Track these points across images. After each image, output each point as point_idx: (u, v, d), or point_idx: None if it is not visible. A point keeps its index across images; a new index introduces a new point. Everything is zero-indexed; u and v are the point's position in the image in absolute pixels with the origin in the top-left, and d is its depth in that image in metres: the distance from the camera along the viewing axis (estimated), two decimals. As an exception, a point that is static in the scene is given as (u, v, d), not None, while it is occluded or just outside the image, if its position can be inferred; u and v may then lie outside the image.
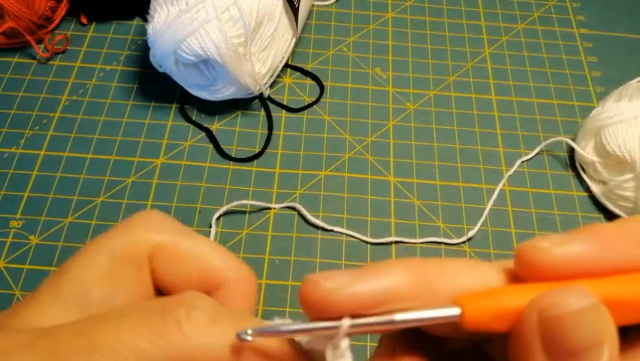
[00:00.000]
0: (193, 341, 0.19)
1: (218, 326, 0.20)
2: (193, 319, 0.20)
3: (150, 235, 0.24)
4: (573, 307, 0.17)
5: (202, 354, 0.19)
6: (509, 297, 0.19)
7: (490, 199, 0.55)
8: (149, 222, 0.24)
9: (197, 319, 0.20)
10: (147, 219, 0.24)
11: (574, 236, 0.19)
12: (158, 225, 0.24)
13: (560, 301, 0.17)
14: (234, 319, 0.21)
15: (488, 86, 0.63)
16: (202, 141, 0.57)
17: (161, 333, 0.19)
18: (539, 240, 0.19)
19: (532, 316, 0.18)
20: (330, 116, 0.59)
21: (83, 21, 0.64)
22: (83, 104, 0.58)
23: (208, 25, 0.50)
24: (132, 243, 0.23)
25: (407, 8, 0.70)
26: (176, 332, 0.19)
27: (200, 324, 0.20)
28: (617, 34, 0.69)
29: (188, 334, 0.19)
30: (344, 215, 0.53)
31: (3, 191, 0.52)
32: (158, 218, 0.24)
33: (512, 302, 0.18)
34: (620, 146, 0.52)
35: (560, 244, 0.19)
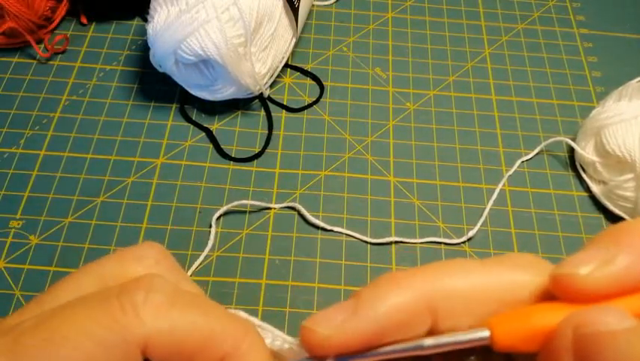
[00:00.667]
0: (149, 326, 0.19)
1: (177, 311, 0.20)
2: (150, 302, 0.19)
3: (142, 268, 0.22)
4: (612, 327, 0.16)
5: (158, 339, 0.19)
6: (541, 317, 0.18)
7: (490, 199, 0.55)
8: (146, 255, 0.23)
9: (154, 302, 0.19)
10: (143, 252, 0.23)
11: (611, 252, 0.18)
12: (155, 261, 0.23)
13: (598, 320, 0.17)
14: (193, 304, 0.20)
15: (488, 86, 0.63)
16: (202, 141, 0.57)
17: (117, 318, 0.19)
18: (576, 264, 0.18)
19: (567, 332, 0.17)
20: (330, 116, 0.59)
21: (83, 21, 0.64)
22: (82, 104, 0.58)
23: (208, 26, 0.50)
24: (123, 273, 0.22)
25: (407, 8, 0.70)
26: (132, 317, 0.19)
27: (158, 308, 0.19)
28: (617, 34, 0.69)
29: (145, 318, 0.19)
30: (344, 215, 0.53)
31: (3, 191, 0.52)
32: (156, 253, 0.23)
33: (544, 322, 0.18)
34: (620, 146, 0.52)
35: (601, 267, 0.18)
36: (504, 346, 0.19)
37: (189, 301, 0.20)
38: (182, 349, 0.20)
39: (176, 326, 0.19)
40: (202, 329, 0.20)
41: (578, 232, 0.54)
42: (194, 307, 0.20)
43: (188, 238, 0.50)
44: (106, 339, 0.18)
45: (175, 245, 0.50)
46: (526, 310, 0.19)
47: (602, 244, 0.18)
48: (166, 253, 0.23)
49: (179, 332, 0.19)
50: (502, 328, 0.18)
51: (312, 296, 0.48)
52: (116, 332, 0.19)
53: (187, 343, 0.20)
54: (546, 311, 0.18)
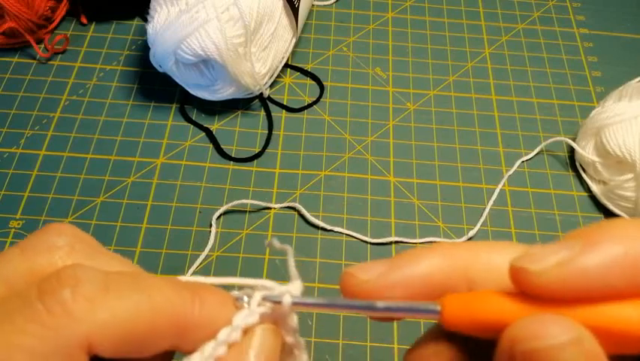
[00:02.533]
0: (87, 321, 0.17)
1: (113, 297, 0.18)
2: (80, 295, 0.17)
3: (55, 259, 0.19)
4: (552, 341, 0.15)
5: (102, 333, 0.17)
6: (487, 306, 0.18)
7: (490, 199, 0.55)
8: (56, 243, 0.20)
9: (85, 294, 0.17)
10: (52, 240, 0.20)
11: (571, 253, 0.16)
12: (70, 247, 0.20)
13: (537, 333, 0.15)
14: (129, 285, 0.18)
15: (488, 86, 0.63)
16: (202, 141, 0.57)
17: (46, 323, 0.17)
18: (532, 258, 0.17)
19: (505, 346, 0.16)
20: (330, 116, 0.59)
21: (83, 21, 0.64)
22: (83, 104, 0.58)
23: (208, 25, 0.50)
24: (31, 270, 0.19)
25: (407, 8, 0.70)
26: (63, 319, 0.17)
27: (91, 299, 0.17)
28: (617, 34, 0.69)
29: (79, 315, 0.17)
30: (344, 215, 0.53)
31: (3, 191, 0.52)
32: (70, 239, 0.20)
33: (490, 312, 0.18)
34: (620, 146, 0.52)
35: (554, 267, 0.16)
36: (451, 325, 0.18)
37: (124, 284, 0.18)
38: (132, 335, 0.18)
39: (117, 314, 0.17)
40: (146, 308, 0.18)
41: (578, 232, 0.53)
42: (132, 288, 0.18)
43: (188, 238, 0.50)
44: (38, 349, 0.16)
45: (175, 245, 0.50)
46: (479, 295, 0.18)
47: (570, 241, 0.17)
48: (80, 235, 0.21)
49: (122, 319, 0.17)
50: (451, 307, 0.18)
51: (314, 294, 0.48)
52: (48, 339, 0.17)
53: (135, 327, 0.18)
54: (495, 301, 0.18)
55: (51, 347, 0.17)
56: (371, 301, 0.19)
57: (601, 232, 0.16)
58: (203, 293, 0.20)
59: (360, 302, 0.20)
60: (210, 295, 0.20)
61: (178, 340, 0.19)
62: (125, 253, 0.49)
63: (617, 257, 0.16)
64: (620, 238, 0.16)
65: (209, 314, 0.19)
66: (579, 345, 0.15)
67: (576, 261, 0.16)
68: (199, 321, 0.19)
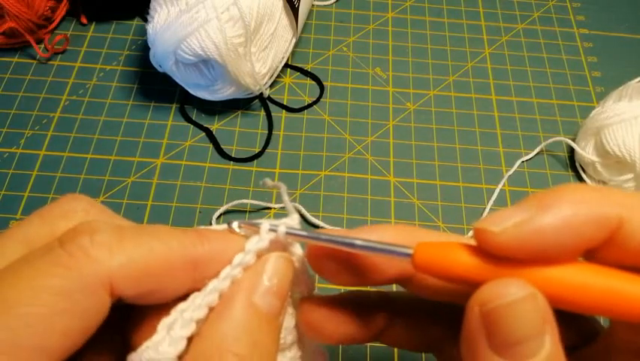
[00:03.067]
0: (106, 263, 0.19)
1: (128, 242, 0.20)
2: (98, 241, 0.19)
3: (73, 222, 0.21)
4: (511, 297, 0.18)
5: (122, 273, 0.19)
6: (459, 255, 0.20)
7: (490, 199, 0.55)
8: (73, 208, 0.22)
9: (102, 241, 0.19)
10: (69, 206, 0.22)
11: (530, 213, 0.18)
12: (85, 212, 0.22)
13: (498, 293, 0.18)
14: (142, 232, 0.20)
15: (488, 86, 0.63)
16: (202, 141, 0.57)
17: (69, 265, 0.18)
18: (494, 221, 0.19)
19: (474, 310, 0.18)
20: (330, 116, 0.59)
21: (83, 21, 0.64)
22: (83, 104, 0.58)
23: (208, 25, 0.50)
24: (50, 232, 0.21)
25: (407, 8, 0.70)
26: (84, 260, 0.18)
27: (108, 244, 0.19)
28: (617, 34, 0.69)
29: (98, 256, 0.19)
30: (344, 215, 0.53)
31: (3, 191, 0.52)
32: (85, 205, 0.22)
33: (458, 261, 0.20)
34: (620, 146, 0.52)
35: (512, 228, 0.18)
36: (421, 268, 0.20)
37: (137, 231, 0.20)
38: (149, 274, 0.20)
39: (133, 256, 0.19)
40: (159, 249, 0.20)
41: (578, 232, 0.53)
42: (144, 234, 0.20)
43: (188, 238, 0.50)
44: (63, 287, 0.18)
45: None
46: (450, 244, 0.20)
47: (527, 204, 0.19)
48: (93, 202, 0.23)
49: (138, 259, 0.19)
50: (423, 253, 0.20)
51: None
52: (71, 278, 0.18)
53: (151, 266, 0.20)
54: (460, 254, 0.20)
55: (74, 285, 0.18)
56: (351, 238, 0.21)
57: (554, 196, 0.19)
58: (208, 232, 0.22)
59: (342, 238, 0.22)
60: (214, 234, 0.22)
61: (192, 277, 0.21)
62: (125, 253, 0.49)
63: (567, 218, 0.18)
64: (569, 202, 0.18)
65: (217, 248, 0.21)
66: (532, 301, 0.18)
67: (531, 222, 0.18)
68: (208, 255, 0.21)
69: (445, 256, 0.20)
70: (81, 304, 0.18)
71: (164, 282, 0.20)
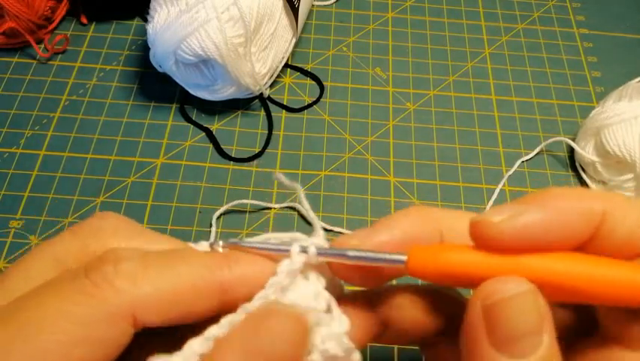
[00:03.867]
0: (129, 293, 0.19)
1: (153, 271, 0.19)
2: (123, 271, 0.19)
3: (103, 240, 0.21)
4: (511, 292, 0.19)
5: (147, 303, 0.19)
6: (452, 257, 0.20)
7: (490, 199, 0.55)
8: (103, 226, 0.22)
9: (127, 270, 0.19)
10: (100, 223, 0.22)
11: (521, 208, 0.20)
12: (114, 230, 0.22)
13: (498, 289, 0.19)
14: (168, 258, 0.20)
15: (488, 86, 0.63)
16: (202, 141, 0.57)
17: (92, 293, 0.18)
18: (491, 213, 0.20)
19: (476, 305, 0.19)
20: (330, 116, 0.59)
21: (83, 21, 0.64)
22: (83, 104, 0.58)
23: (208, 25, 0.50)
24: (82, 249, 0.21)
25: (407, 8, 0.70)
26: (108, 289, 0.18)
27: (132, 274, 0.19)
28: (617, 34, 0.69)
29: (122, 287, 0.19)
30: (344, 215, 0.53)
31: (3, 191, 0.52)
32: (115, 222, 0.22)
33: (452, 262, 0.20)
34: (620, 146, 0.52)
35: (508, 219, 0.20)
36: (416, 273, 0.21)
37: (163, 258, 0.20)
38: (176, 302, 0.19)
39: (158, 285, 0.19)
40: (185, 275, 0.20)
41: (578, 232, 0.53)
42: (170, 261, 0.20)
43: (188, 238, 0.50)
44: (84, 316, 0.18)
45: (175, 245, 0.50)
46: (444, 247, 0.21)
47: (523, 200, 0.21)
48: (123, 218, 0.23)
49: (164, 289, 0.19)
50: (416, 257, 0.21)
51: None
52: (93, 307, 0.18)
53: (177, 295, 0.19)
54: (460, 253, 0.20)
55: (96, 314, 0.18)
56: (343, 249, 0.22)
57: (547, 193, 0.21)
58: (235, 255, 0.22)
59: (333, 250, 0.22)
60: (243, 257, 0.22)
61: (220, 300, 0.21)
62: (125, 253, 0.49)
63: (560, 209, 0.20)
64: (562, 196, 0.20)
65: (244, 272, 0.21)
66: (530, 296, 0.19)
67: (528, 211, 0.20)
68: (237, 279, 0.21)
69: (438, 260, 0.20)
70: (102, 334, 0.18)
71: (190, 308, 0.20)
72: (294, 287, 0.22)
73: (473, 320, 0.19)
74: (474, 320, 0.19)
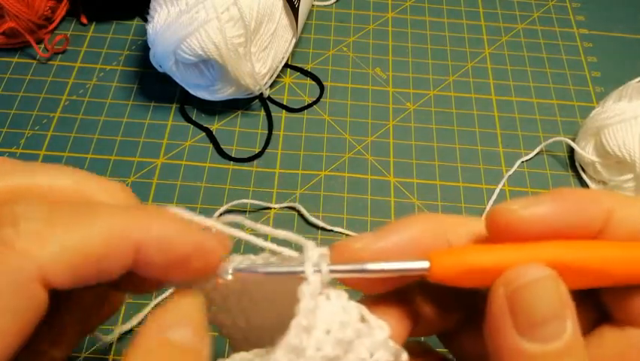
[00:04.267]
0: (36, 256, 0.17)
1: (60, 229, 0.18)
2: (24, 232, 0.17)
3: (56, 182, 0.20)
4: (532, 277, 0.19)
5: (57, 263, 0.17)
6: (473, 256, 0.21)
7: (490, 199, 0.55)
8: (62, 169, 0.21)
9: (29, 230, 0.17)
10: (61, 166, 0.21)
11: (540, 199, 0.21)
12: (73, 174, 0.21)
13: (521, 274, 0.20)
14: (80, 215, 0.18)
15: (488, 86, 0.63)
16: (202, 141, 0.57)
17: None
18: (509, 203, 0.21)
19: (499, 290, 0.20)
20: (330, 116, 0.59)
21: (83, 21, 0.64)
22: (83, 104, 0.58)
23: (208, 26, 0.50)
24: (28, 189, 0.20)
25: (407, 8, 0.70)
26: (9, 254, 0.17)
27: (37, 234, 0.17)
28: (617, 34, 0.69)
29: (27, 250, 0.17)
30: (344, 215, 0.53)
31: (3, 191, 0.52)
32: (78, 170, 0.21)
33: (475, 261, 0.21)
34: (620, 146, 0.52)
35: (527, 207, 0.21)
36: (439, 278, 0.21)
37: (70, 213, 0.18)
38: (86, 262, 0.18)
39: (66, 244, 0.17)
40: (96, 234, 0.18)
41: (577, 232, 0.53)
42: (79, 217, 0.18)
43: (188, 238, 0.50)
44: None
45: (175, 245, 0.50)
46: (463, 248, 0.21)
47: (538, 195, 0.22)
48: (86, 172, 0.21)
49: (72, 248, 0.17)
50: (439, 262, 0.21)
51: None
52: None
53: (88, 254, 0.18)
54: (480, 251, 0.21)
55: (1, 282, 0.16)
56: (363, 263, 0.21)
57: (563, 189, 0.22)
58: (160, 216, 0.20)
59: (353, 266, 0.21)
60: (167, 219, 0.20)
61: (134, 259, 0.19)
62: (125, 253, 0.49)
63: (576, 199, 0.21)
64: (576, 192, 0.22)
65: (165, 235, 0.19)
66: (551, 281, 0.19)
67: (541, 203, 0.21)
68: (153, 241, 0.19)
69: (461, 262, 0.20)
70: (12, 304, 0.16)
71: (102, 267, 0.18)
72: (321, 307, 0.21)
73: (497, 307, 0.20)
74: (498, 306, 0.20)
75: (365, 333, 0.21)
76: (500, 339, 0.19)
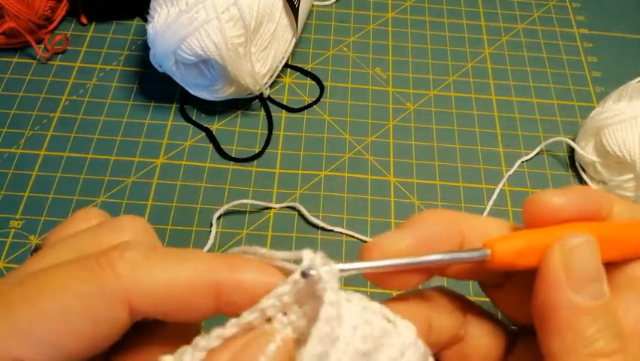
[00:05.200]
0: (127, 278, 0.20)
1: (155, 262, 0.21)
2: (126, 258, 0.20)
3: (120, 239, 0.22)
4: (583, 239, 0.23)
5: (141, 290, 0.20)
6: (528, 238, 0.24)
7: (490, 199, 0.55)
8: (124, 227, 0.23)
9: (130, 258, 0.20)
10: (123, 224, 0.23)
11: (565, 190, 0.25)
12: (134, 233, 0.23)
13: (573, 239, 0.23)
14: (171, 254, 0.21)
15: (488, 86, 0.63)
16: (202, 141, 0.57)
17: (96, 273, 0.20)
18: (541, 193, 0.25)
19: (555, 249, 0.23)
20: (330, 116, 0.59)
21: (83, 21, 0.64)
22: (83, 104, 0.58)
23: (208, 26, 0.50)
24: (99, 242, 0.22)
25: (407, 8, 0.70)
26: (109, 272, 0.20)
27: (134, 263, 0.20)
28: (617, 34, 0.69)
29: (122, 272, 0.20)
30: (344, 215, 0.53)
31: (3, 191, 0.52)
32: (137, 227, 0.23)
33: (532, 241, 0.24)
34: (620, 146, 0.52)
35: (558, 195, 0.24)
36: (502, 261, 0.23)
37: (167, 252, 0.21)
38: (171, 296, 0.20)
39: (156, 276, 0.20)
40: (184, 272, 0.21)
41: (578, 232, 0.53)
42: (173, 256, 0.21)
43: (188, 238, 0.50)
44: (82, 291, 0.19)
45: (175, 245, 0.50)
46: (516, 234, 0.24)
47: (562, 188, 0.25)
48: (147, 227, 0.24)
49: (161, 280, 0.20)
50: (500, 246, 0.23)
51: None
52: (92, 284, 0.20)
53: (174, 288, 0.20)
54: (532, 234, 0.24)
55: (93, 291, 0.20)
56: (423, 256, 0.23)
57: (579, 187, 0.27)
58: (239, 261, 0.22)
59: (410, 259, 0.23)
60: (248, 264, 0.22)
61: (217, 302, 0.21)
62: (125, 253, 0.49)
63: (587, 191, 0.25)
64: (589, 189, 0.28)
65: (244, 278, 0.22)
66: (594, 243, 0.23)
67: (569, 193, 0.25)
68: (234, 284, 0.21)
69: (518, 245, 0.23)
70: (98, 313, 0.20)
71: (185, 304, 0.21)
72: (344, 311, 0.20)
73: (553, 265, 0.23)
74: (554, 264, 0.23)
75: (392, 333, 0.21)
76: (556, 293, 0.22)
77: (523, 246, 0.23)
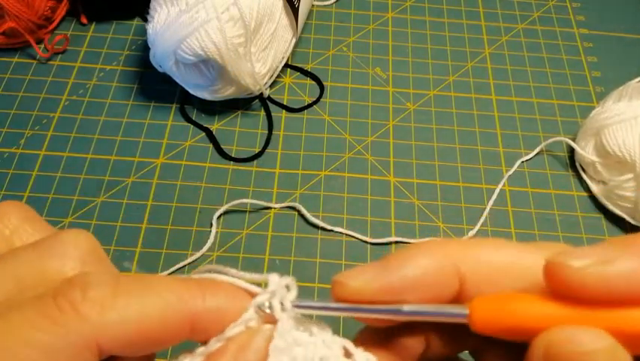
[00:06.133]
0: (95, 322, 0.18)
1: (122, 299, 0.18)
2: (90, 298, 0.18)
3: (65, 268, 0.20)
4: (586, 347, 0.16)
5: (112, 333, 0.18)
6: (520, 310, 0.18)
7: (490, 199, 0.55)
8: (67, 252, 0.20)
9: (95, 297, 0.18)
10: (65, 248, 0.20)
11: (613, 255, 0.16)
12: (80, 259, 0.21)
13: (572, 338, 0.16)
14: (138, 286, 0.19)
15: (488, 86, 0.63)
16: (202, 141, 0.57)
17: (57, 320, 0.17)
18: (572, 255, 0.17)
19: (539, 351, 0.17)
20: (330, 116, 0.59)
21: (83, 21, 0.64)
22: (83, 104, 0.58)
23: (208, 25, 0.50)
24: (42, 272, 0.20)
25: (407, 8, 0.70)
26: (72, 316, 0.18)
27: (101, 302, 0.18)
28: (617, 34, 0.69)
29: (88, 314, 0.18)
30: (344, 215, 0.53)
31: (3, 191, 0.52)
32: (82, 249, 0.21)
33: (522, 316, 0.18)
34: (620, 146, 0.52)
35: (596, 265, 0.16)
36: (480, 329, 0.18)
37: (133, 286, 0.19)
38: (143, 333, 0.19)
39: (126, 315, 0.18)
40: (155, 306, 0.19)
41: (578, 232, 0.54)
42: (140, 289, 0.19)
43: (188, 237, 0.50)
44: (48, 344, 0.17)
45: (175, 245, 0.50)
46: (509, 297, 0.18)
47: (609, 245, 0.17)
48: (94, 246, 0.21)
49: (131, 319, 0.18)
50: (481, 310, 0.18)
51: (313, 297, 0.48)
52: (57, 335, 0.17)
53: (145, 326, 0.19)
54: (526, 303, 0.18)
55: (59, 343, 0.17)
56: (397, 306, 0.19)
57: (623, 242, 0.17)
58: (212, 287, 0.21)
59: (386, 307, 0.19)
60: (219, 289, 0.21)
61: (190, 332, 0.20)
62: (125, 253, 0.49)
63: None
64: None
65: (218, 305, 0.20)
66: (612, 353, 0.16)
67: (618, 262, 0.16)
68: (208, 312, 0.20)
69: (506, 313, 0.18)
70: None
71: (158, 339, 0.19)
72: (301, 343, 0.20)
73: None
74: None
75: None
76: None
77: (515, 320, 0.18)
